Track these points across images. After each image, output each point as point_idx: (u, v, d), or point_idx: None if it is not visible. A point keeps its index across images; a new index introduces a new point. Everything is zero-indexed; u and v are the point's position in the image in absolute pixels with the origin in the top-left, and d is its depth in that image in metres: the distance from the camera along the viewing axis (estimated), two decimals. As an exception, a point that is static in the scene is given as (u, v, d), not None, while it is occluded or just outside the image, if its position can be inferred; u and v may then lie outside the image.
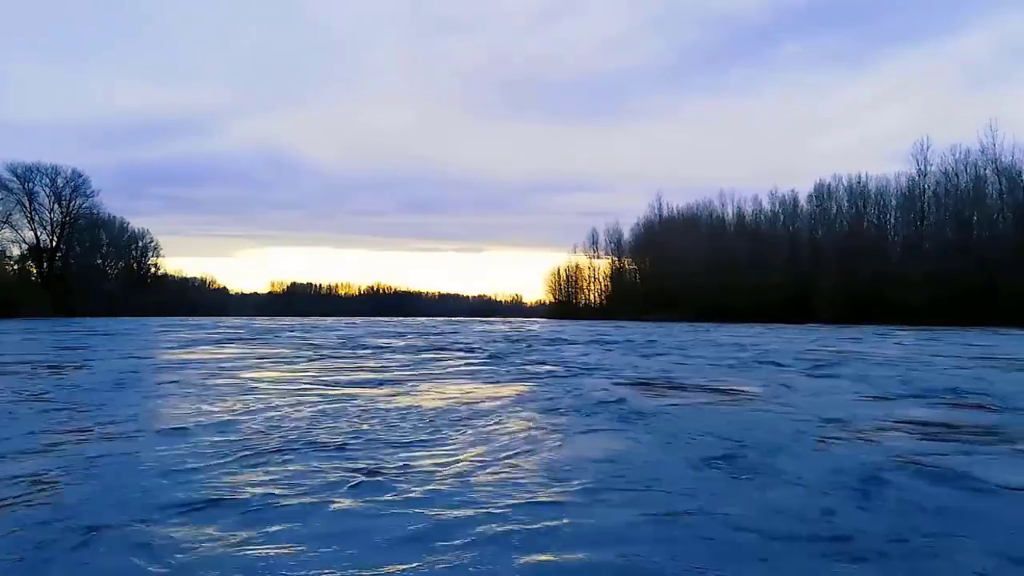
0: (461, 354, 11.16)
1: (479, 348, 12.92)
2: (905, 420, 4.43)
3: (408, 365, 8.77)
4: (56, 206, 55.19)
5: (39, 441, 3.61)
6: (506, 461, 3.17)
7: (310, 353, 11.16)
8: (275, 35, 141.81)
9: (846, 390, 6.20)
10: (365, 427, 4.05)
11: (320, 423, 4.19)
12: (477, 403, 5.14)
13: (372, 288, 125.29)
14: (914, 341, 16.35)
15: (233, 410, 4.69)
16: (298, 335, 18.66)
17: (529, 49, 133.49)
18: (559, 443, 3.62)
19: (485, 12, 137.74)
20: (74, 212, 56.51)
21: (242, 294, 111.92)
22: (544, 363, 9.26)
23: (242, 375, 7.26)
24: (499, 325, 35.19)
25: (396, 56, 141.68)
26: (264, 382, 6.57)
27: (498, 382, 6.78)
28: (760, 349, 12.57)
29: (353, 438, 3.69)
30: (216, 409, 4.74)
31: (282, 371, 7.84)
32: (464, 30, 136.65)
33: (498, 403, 5.14)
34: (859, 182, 49.61)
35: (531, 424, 4.22)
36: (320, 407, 4.85)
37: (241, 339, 16.16)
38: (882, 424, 4.27)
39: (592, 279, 72.49)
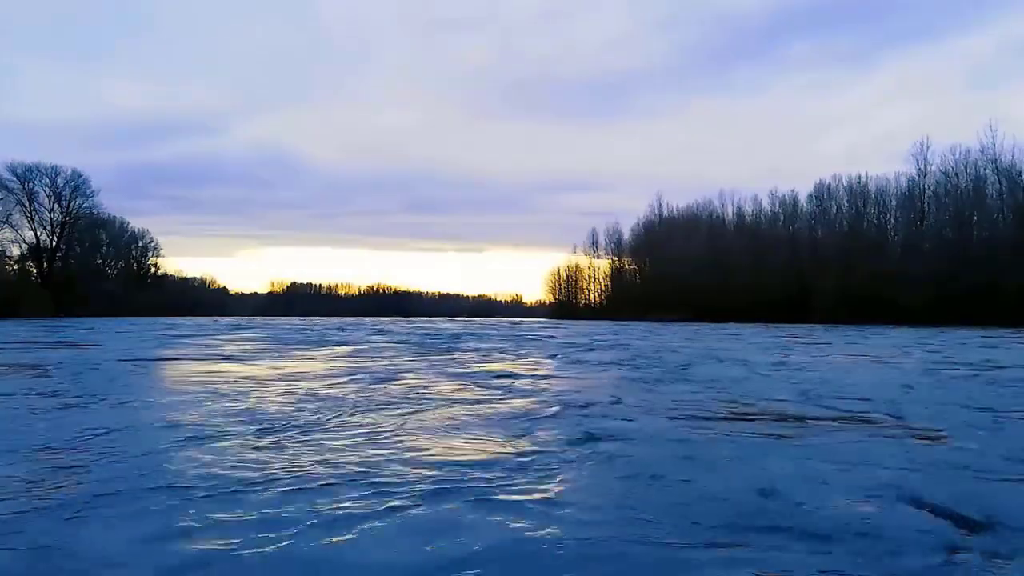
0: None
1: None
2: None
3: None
4: (56, 206, 55.20)
5: None
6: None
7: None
8: (277, 34, 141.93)
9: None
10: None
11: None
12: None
13: (372, 288, 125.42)
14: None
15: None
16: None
17: (531, 49, 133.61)
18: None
19: (488, 12, 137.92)
20: (74, 212, 56.50)
21: (242, 294, 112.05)
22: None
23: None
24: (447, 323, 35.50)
25: (398, 56, 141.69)
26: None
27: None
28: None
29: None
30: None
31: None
32: (466, 30, 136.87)
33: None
34: (859, 182, 49.74)
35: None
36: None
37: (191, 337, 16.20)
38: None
39: (592, 279, 72.64)
